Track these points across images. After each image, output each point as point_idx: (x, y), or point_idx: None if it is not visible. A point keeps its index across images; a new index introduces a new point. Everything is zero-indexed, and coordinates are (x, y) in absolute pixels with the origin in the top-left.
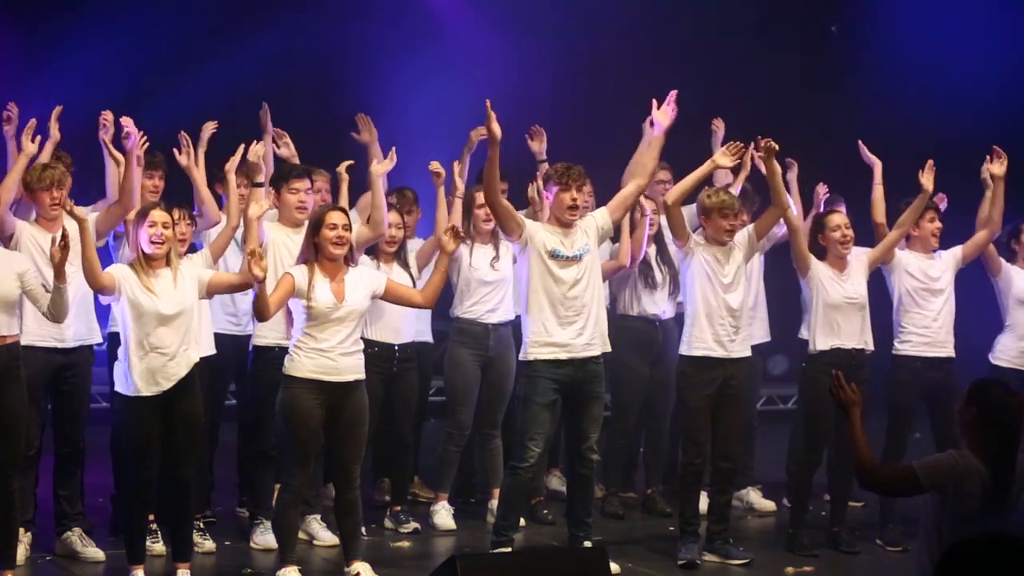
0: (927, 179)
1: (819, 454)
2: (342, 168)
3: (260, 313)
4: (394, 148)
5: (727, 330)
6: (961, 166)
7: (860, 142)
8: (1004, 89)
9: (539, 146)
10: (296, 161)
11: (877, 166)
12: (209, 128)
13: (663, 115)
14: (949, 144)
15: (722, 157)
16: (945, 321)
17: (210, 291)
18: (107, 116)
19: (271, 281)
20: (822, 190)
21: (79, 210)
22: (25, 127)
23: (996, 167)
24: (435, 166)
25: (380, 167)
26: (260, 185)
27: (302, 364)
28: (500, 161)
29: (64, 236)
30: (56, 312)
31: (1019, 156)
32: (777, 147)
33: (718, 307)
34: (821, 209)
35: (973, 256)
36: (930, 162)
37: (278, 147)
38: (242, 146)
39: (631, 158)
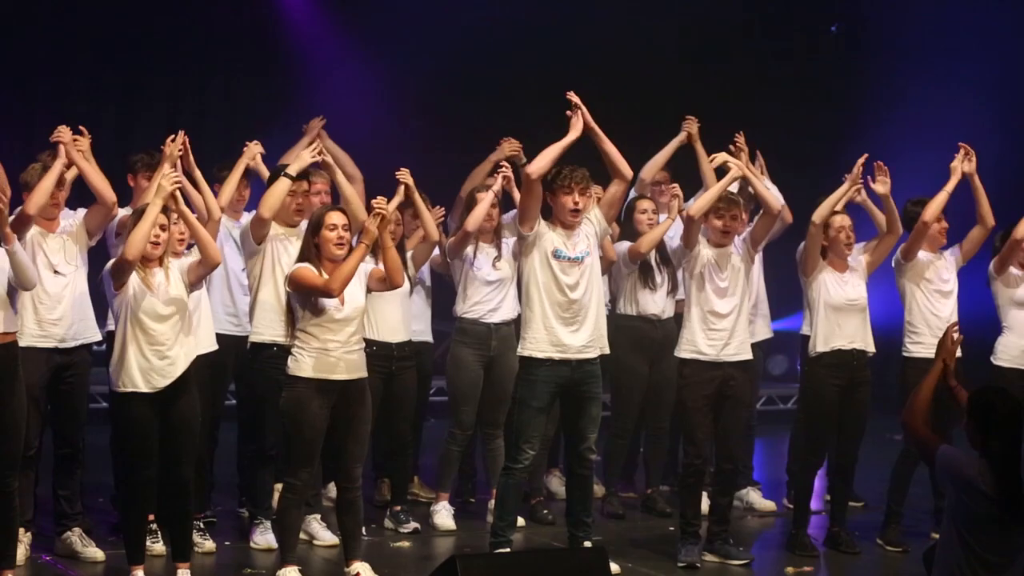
0: (879, 183)
1: (821, 455)
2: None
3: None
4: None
5: (720, 334)
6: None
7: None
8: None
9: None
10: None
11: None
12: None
13: (575, 124)
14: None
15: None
16: (954, 321)
17: (190, 277)
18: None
19: (271, 285)
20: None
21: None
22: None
23: (965, 164)
24: (404, 175)
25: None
26: (291, 178)
27: (306, 364)
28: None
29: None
30: (22, 276)
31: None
32: (744, 147)
33: (710, 311)
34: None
35: (972, 254)
36: (876, 162)
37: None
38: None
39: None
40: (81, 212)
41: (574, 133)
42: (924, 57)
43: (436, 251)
